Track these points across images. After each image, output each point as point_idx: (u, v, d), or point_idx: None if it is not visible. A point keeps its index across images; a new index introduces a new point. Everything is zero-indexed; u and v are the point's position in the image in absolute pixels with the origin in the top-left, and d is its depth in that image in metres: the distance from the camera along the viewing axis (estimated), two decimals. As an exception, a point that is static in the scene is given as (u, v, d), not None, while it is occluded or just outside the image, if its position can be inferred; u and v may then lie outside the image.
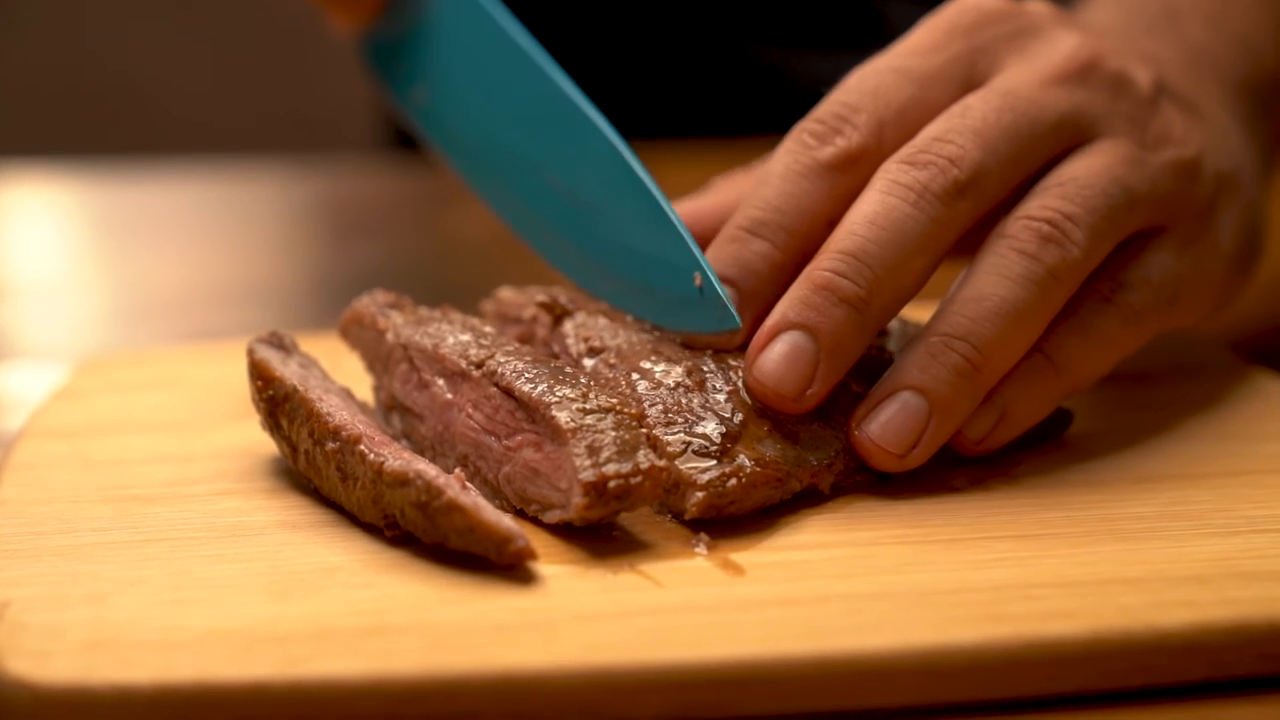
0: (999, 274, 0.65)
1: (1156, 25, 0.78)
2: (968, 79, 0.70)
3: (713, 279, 0.67)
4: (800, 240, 0.68)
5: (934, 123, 0.68)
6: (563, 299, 0.71)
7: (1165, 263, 0.70)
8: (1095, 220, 0.66)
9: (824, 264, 0.65)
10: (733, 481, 0.62)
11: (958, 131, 0.67)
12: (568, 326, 0.70)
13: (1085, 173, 0.67)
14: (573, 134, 0.74)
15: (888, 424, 0.64)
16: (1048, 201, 0.66)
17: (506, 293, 0.74)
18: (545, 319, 0.71)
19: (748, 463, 0.62)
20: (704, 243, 0.70)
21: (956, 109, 0.68)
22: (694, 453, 0.62)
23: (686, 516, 0.61)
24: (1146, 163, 0.69)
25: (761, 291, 0.67)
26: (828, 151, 0.68)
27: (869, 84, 0.70)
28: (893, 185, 0.66)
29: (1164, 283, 0.69)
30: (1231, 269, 0.74)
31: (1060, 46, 0.70)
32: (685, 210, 0.73)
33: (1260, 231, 0.77)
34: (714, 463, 0.62)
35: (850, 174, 0.68)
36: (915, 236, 0.65)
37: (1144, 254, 0.69)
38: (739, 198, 0.73)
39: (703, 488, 0.61)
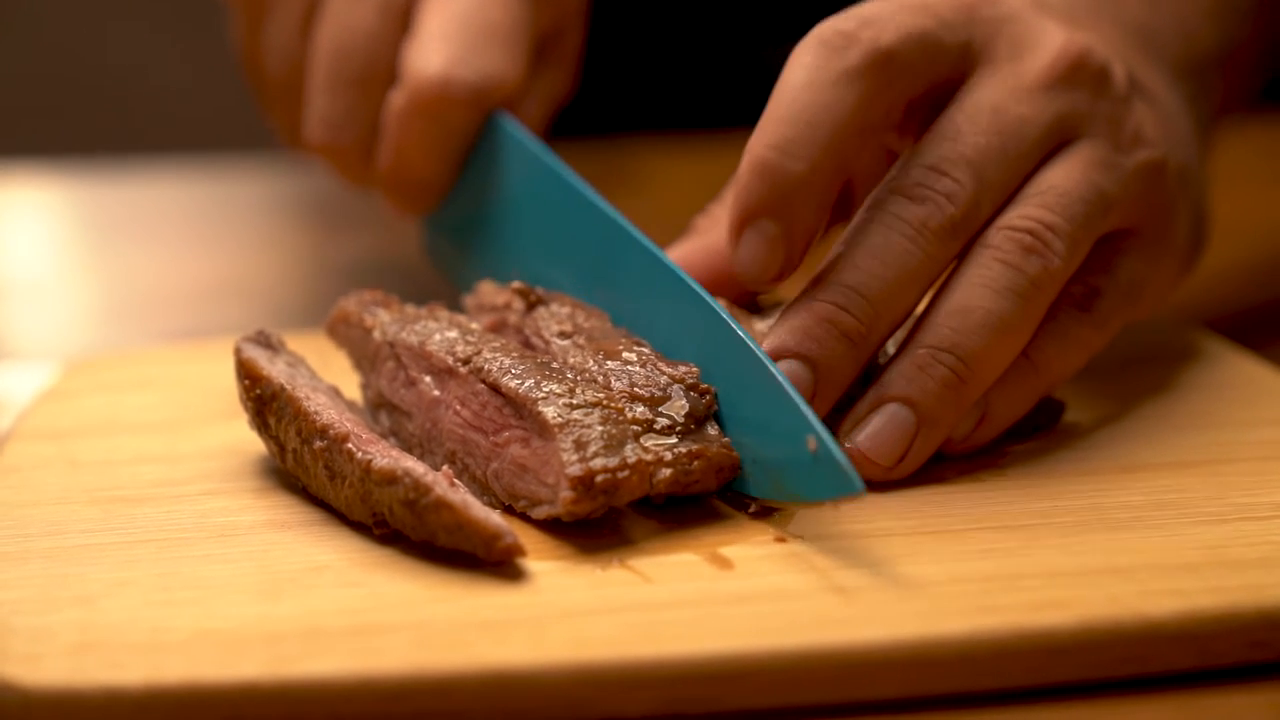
0: (984, 285, 0.65)
1: (1096, 6, 0.77)
2: (967, 49, 0.68)
3: (828, 442, 0.59)
4: (837, 158, 0.65)
5: (926, 147, 0.67)
6: (538, 288, 0.71)
7: (1133, 266, 0.70)
8: (1074, 229, 0.67)
9: (827, 295, 0.65)
10: (697, 463, 0.61)
11: (951, 163, 0.66)
12: (541, 312, 0.70)
13: (1064, 180, 0.67)
14: (668, 299, 0.69)
15: (876, 436, 0.64)
16: (1029, 211, 0.66)
17: (487, 285, 0.74)
18: (519, 305, 0.71)
19: (714, 444, 0.62)
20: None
21: (948, 130, 0.67)
22: (657, 430, 0.62)
23: (652, 493, 0.61)
24: (1120, 166, 0.69)
25: (807, 223, 0.65)
26: (856, 52, 0.65)
27: (893, 5, 0.67)
28: (893, 219, 0.65)
29: (1131, 285, 0.70)
30: (1184, 260, 0.75)
31: (1049, 44, 0.69)
32: (675, 260, 0.72)
33: (1205, 219, 0.78)
34: (677, 440, 0.62)
35: (884, 79, 0.66)
36: (912, 271, 0.65)
37: (1114, 259, 0.70)
38: (725, 244, 0.71)
39: (669, 465, 0.61)
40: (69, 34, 2.42)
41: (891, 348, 0.67)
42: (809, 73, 0.66)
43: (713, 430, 0.63)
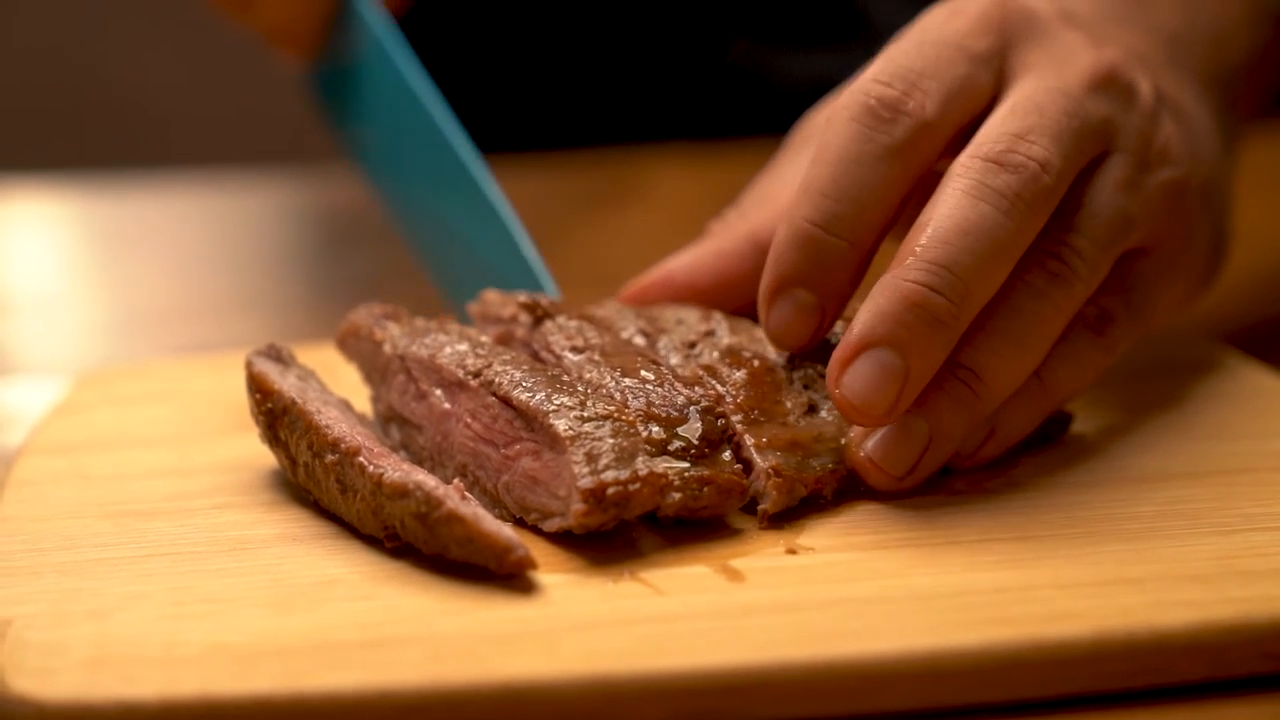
0: (1007, 302, 0.64)
1: (1128, 12, 0.76)
2: (1000, 71, 0.68)
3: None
4: (878, 232, 0.65)
5: (1008, 117, 0.65)
6: (544, 301, 0.71)
7: (1148, 290, 0.70)
8: (1096, 251, 0.66)
9: (915, 276, 0.61)
10: (706, 489, 0.61)
11: (1038, 132, 0.64)
12: (549, 326, 0.70)
13: (1092, 200, 0.67)
14: (464, 188, 0.84)
15: (888, 446, 0.64)
16: (1053, 233, 0.66)
17: (491, 294, 0.74)
18: (526, 318, 0.71)
19: (725, 469, 0.62)
20: (704, 295, 0.72)
21: (1029, 105, 0.65)
22: (670, 452, 0.62)
23: (659, 514, 0.61)
24: (1144, 185, 0.68)
25: (842, 292, 0.65)
26: (903, 127, 0.64)
27: (928, 53, 0.66)
28: (984, 190, 0.63)
29: (1144, 307, 0.70)
30: (1200, 278, 0.75)
31: (1082, 54, 0.69)
32: (685, 263, 0.72)
33: (1227, 236, 0.77)
34: (689, 465, 0.62)
35: (924, 149, 0.65)
36: (1005, 246, 0.63)
37: (1129, 279, 0.70)
38: (736, 248, 0.72)
39: (678, 489, 0.61)
40: (77, 48, 2.42)
41: None
42: (856, 145, 0.64)
43: (726, 455, 0.63)
